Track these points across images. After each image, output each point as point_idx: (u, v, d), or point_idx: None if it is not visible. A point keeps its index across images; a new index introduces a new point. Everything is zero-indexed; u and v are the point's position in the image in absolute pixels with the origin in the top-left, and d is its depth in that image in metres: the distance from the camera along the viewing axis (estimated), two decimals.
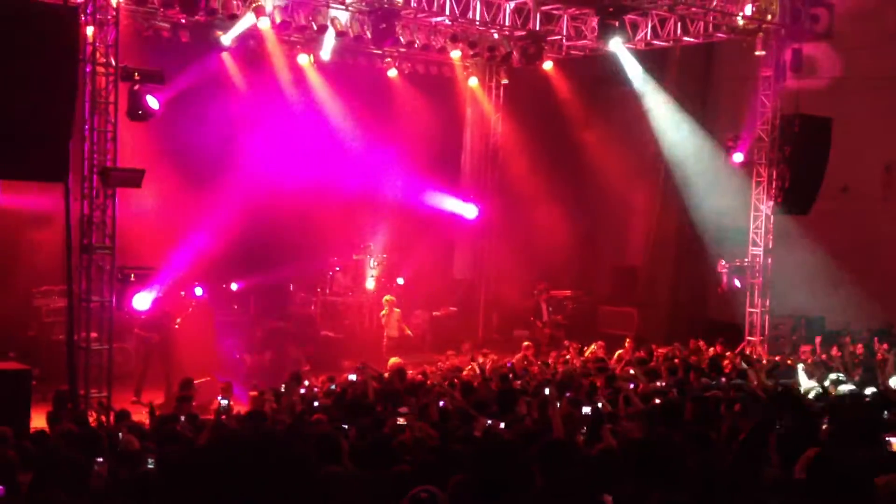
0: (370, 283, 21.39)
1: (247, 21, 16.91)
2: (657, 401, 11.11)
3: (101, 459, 7.75)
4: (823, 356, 16.57)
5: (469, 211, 23.23)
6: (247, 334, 19.02)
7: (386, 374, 14.36)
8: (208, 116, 19.19)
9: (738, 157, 19.34)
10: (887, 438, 6.67)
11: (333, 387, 13.74)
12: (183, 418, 11.10)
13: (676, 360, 16.16)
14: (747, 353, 18.33)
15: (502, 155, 23.72)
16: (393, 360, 15.88)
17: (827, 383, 13.47)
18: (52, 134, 12.01)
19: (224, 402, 12.05)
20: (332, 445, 7.25)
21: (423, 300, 22.12)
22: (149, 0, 16.01)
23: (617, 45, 19.25)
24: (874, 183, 21.95)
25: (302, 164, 20.57)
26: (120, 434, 9.05)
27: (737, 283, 19.51)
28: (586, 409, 9.83)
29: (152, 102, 14.42)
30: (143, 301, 14.31)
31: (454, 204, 23.02)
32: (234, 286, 19.64)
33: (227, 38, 18.05)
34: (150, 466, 7.60)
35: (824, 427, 8.88)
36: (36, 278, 17.44)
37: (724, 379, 14.02)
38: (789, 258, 20.12)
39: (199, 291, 18.61)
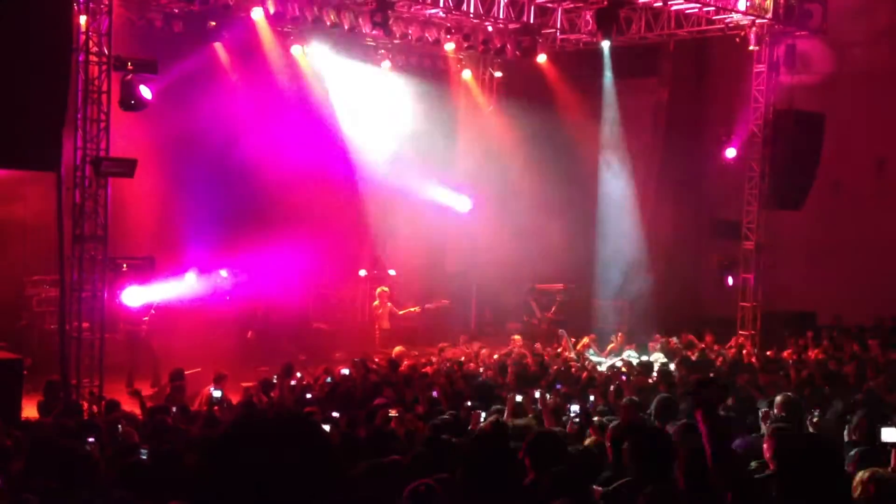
0: (362, 274, 21.39)
1: None
2: (648, 394, 11.14)
3: (92, 439, 7.75)
4: (813, 351, 16.64)
5: (462, 204, 23.24)
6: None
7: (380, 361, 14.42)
8: (201, 106, 19.16)
9: (731, 153, 19.38)
10: (882, 428, 6.66)
11: (329, 379, 13.75)
12: (174, 409, 11.09)
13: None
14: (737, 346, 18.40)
15: (495, 148, 23.71)
16: (397, 349, 15.97)
17: None
18: (44, 123, 11.96)
19: (217, 394, 12.02)
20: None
21: (416, 293, 22.12)
22: None
23: (605, 46, 19.44)
24: (866, 178, 22.01)
25: (294, 154, 20.55)
26: (119, 426, 9.04)
27: (729, 280, 19.54)
28: (577, 403, 9.86)
29: (145, 92, 14.36)
30: (133, 296, 14.25)
31: (447, 196, 23.02)
32: (223, 273, 19.60)
33: None
34: (143, 456, 7.60)
35: (814, 420, 8.93)
36: (27, 268, 17.41)
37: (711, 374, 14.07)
38: (781, 253, 20.17)
39: (192, 278, 18.63)
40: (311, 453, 2.33)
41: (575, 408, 9.27)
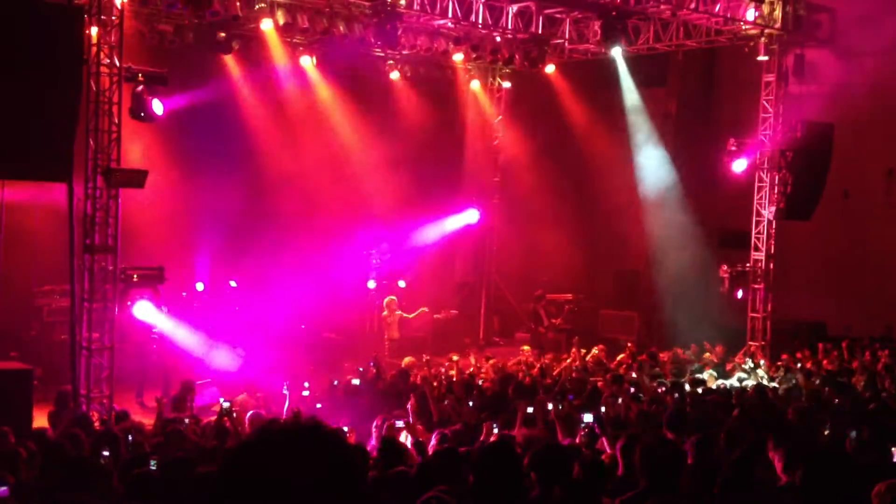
0: (371, 285, 21.39)
1: None
2: (659, 405, 11.12)
3: (106, 453, 7.76)
4: (824, 361, 16.60)
5: (471, 216, 23.29)
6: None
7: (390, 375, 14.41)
8: (211, 118, 19.27)
9: (741, 165, 19.29)
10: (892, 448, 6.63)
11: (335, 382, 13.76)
12: (187, 420, 11.10)
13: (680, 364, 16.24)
14: (749, 357, 18.36)
15: (504, 158, 23.77)
16: (407, 360, 15.95)
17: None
18: (56, 134, 12.02)
19: (226, 405, 12.02)
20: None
21: (425, 302, 22.12)
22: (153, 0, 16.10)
23: (617, 54, 19.39)
24: (876, 188, 21.96)
25: (303, 164, 20.62)
26: (130, 437, 9.05)
27: (738, 294, 19.46)
28: (588, 414, 9.84)
29: (157, 108, 14.41)
30: (144, 310, 14.24)
31: (456, 221, 23.09)
32: (232, 283, 19.64)
33: None
34: (153, 467, 7.61)
35: (825, 433, 8.90)
36: (38, 278, 17.45)
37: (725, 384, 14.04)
38: (791, 263, 20.12)
39: (200, 287, 18.69)
40: (334, 465, 2.31)
41: (588, 418, 9.23)
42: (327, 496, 2.25)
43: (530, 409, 10.14)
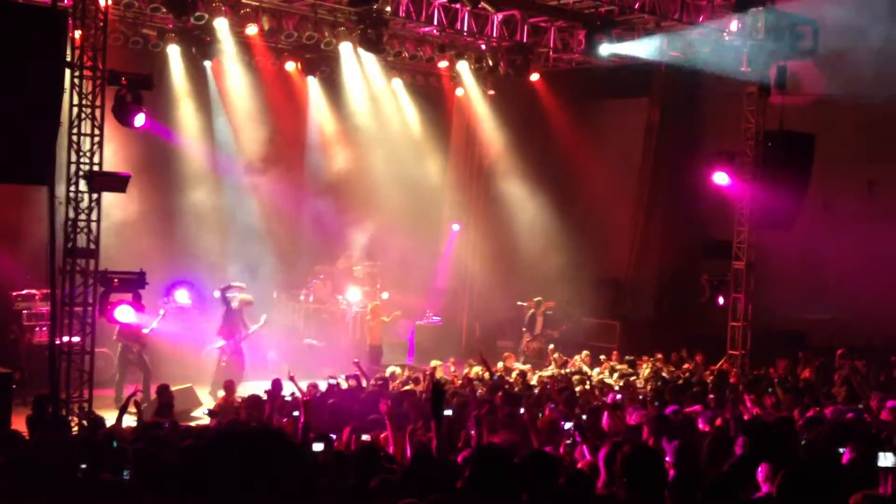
0: (354, 292, 21.36)
1: None
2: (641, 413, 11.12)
3: (83, 466, 7.70)
4: (805, 372, 16.69)
5: (452, 225, 23.42)
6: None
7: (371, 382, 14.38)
8: (193, 123, 19.25)
9: (723, 176, 19.34)
10: (879, 454, 6.64)
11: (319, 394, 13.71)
12: (166, 425, 11.04)
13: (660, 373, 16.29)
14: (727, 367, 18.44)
15: (487, 165, 23.79)
16: (391, 369, 15.95)
17: None
18: (37, 137, 11.92)
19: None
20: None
21: (407, 309, 22.10)
22: (137, 3, 16.03)
23: (607, 51, 19.44)
24: (856, 199, 22.08)
25: (286, 170, 20.60)
26: (115, 442, 9.00)
27: (720, 300, 19.52)
28: (569, 422, 9.84)
29: (139, 120, 14.33)
30: (126, 314, 14.14)
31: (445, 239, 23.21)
32: (216, 294, 19.55)
33: None
34: (126, 476, 7.54)
35: (803, 443, 8.94)
36: (17, 281, 17.33)
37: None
38: (771, 273, 20.21)
39: (182, 295, 18.58)
40: (278, 465, 2.39)
41: (569, 425, 9.25)
42: (274, 492, 2.35)
43: (514, 417, 10.13)
